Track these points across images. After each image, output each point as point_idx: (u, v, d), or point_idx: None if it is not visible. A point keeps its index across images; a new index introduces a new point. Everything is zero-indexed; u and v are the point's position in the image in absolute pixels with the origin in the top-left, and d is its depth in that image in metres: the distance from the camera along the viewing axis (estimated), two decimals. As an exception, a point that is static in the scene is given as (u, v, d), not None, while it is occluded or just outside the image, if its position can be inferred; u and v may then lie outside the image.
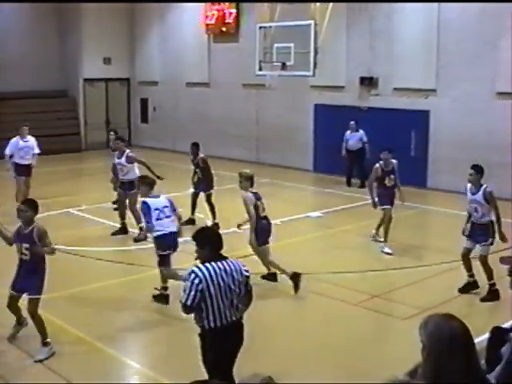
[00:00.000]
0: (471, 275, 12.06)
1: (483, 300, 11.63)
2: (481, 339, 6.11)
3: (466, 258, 12.03)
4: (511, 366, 4.52)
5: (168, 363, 9.24)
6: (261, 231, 12.34)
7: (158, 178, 14.75)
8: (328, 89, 24.20)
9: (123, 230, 15.95)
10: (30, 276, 9.20)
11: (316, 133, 24.98)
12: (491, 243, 11.72)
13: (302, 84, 23.69)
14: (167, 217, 11.49)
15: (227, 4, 27.29)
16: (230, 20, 27.33)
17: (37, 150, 18.68)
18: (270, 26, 20.62)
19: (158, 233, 11.30)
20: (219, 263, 6.85)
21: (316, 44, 19.18)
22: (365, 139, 22.18)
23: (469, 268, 12.08)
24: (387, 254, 14.35)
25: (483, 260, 11.67)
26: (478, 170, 12.08)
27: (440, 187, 21.11)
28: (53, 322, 10.17)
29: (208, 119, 28.41)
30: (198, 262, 6.99)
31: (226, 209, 17.20)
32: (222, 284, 6.77)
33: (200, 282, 6.68)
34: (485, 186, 11.97)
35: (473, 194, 11.92)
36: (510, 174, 19.70)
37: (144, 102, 32.36)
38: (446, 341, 3.72)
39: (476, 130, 20.47)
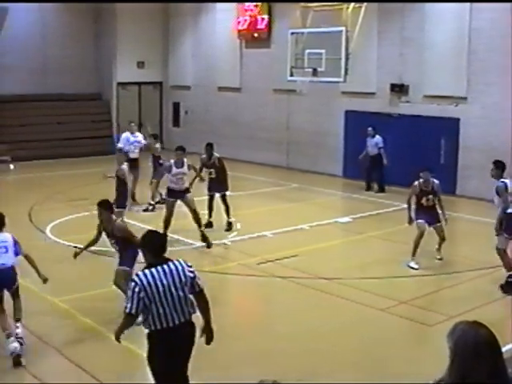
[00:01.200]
0: None
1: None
2: (510, 347, 6.26)
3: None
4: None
5: (190, 364, 9.39)
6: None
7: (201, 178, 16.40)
8: (359, 95, 24.29)
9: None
10: None
11: (346, 139, 25.07)
12: None
13: (332, 90, 23.81)
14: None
15: (259, 10, 27.47)
16: (262, 26, 27.51)
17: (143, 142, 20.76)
18: (302, 32, 20.81)
19: None
20: (159, 267, 6.80)
21: (347, 50, 19.36)
22: (381, 145, 22.27)
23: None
24: (412, 268, 13.91)
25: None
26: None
27: (469, 194, 21.13)
28: (81, 320, 10.40)
29: (239, 124, 28.61)
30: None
31: (253, 213, 17.38)
32: (161, 288, 6.73)
33: (140, 290, 6.66)
34: None
35: None
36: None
37: (176, 106, 32.64)
38: (471, 347, 3.74)
39: (505, 138, 20.46)
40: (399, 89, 23.10)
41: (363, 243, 16.24)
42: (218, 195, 17.05)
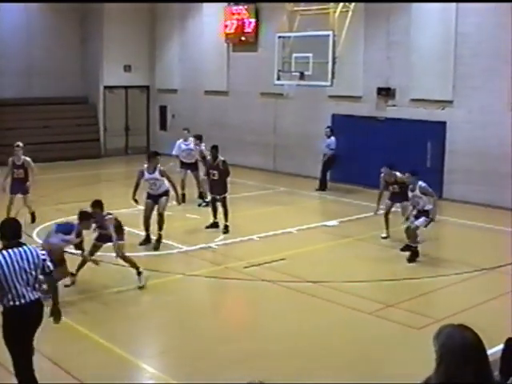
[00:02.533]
0: None
1: None
2: (495, 350, 6.29)
3: None
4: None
5: (182, 368, 9.40)
6: None
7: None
8: (345, 99, 24.36)
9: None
10: None
11: (333, 142, 25.10)
12: None
13: (319, 94, 23.87)
14: None
15: (247, 13, 27.51)
16: (249, 29, 27.54)
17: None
18: (289, 36, 20.84)
19: None
20: (15, 249, 7.51)
21: (334, 54, 19.38)
22: (332, 146, 23.21)
23: None
24: (382, 237, 16.64)
25: None
26: None
27: (455, 198, 21.21)
28: (70, 326, 10.39)
29: (226, 127, 28.60)
30: None
31: (240, 217, 17.40)
32: (17, 267, 7.43)
33: None
34: None
35: None
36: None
37: (163, 110, 32.62)
38: (457, 350, 3.77)
39: (491, 142, 20.59)
40: (386, 92, 23.18)
41: (350, 247, 16.26)
42: (218, 197, 17.19)
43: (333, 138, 23.11)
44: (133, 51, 31.68)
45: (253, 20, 27.38)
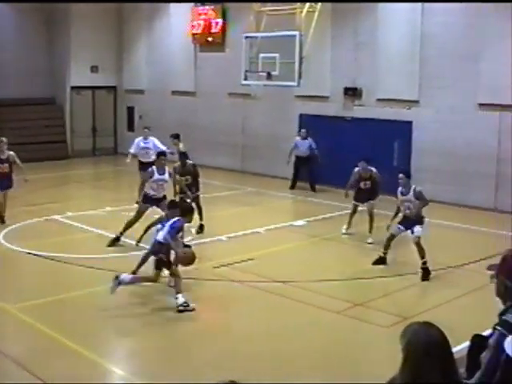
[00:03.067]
0: None
1: None
2: (462, 347, 6.35)
3: None
4: (490, 371, 4.68)
5: (152, 370, 9.37)
6: None
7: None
8: (313, 99, 24.45)
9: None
10: None
11: (301, 142, 25.18)
12: None
13: (287, 94, 23.93)
14: None
15: (214, 14, 27.50)
16: (216, 30, 27.53)
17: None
18: (256, 36, 20.85)
19: None
20: None
21: (301, 54, 19.42)
22: (314, 146, 23.28)
23: None
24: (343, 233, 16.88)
25: None
26: None
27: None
28: (37, 328, 10.33)
29: (194, 128, 28.54)
30: None
31: (209, 217, 17.38)
32: None
33: None
34: None
35: None
36: (489, 185, 20.08)
37: (130, 111, 32.49)
38: (422, 348, 3.79)
39: (458, 141, 20.79)
40: (353, 92, 23.30)
41: (318, 246, 16.33)
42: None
43: (310, 139, 23.25)
44: (100, 52, 31.52)
45: (220, 20, 27.39)
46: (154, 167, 15.81)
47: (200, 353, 9.81)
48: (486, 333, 4.93)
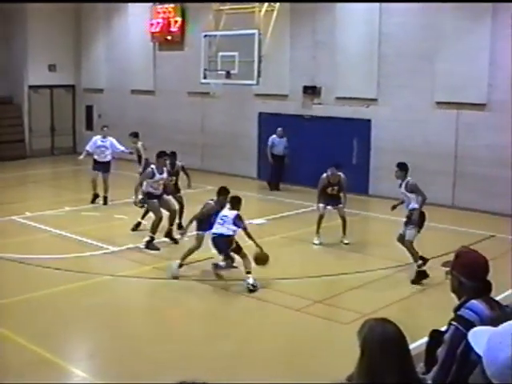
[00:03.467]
0: None
1: None
2: (420, 342, 6.42)
3: None
4: (446, 366, 4.75)
5: (112, 370, 9.34)
6: None
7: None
8: (272, 97, 24.51)
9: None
10: None
11: (260, 141, 25.24)
12: None
13: (246, 92, 23.94)
14: None
15: (173, 12, 27.44)
16: (175, 28, 27.47)
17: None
18: (215, 35, 20.82)
19: None
20: None
21: (260, 53, 19.43)
22: (286, 145, 23.20)
23: None
24: (314, 244, 16.00)
25: None
26: None
27: (381, 194, 21.52)
28: None
29: (153, 127, 28.44)
30: None
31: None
32: None
33: None
34: None
35: None
36: (447, 182, 20.31)
37: (89, 110, 32.27)
38: (377, 343, 3.82)
39: (415, 139, 21.00)
40: (312, 91, 23.39)
41: (277, 244, 16.32)
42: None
43: (285, 138, 23.21)
44: (58, 50, 31.22)
45: (179, 19, 27.32)
46: (153, 167, 15.97)
47: (159, 353, 9.78)
48: (444, 328, 5.00)
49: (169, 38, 27.81)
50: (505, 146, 19.22)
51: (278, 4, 20.14)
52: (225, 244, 12.94)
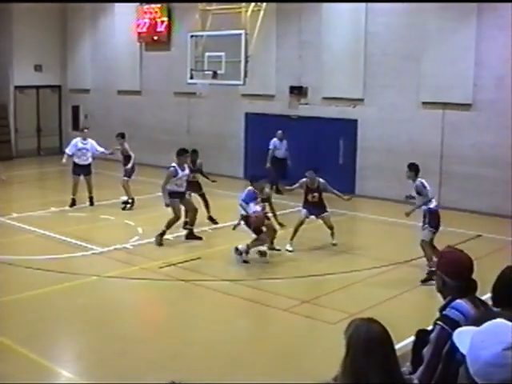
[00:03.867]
0: None
1: None
2: (406, 342, 6.44)
3: None
4: (432, 366, 4.77)
5: (99, 371, 9.32)
6: None
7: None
8: (258, 97, 24.53)
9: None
10: None
11: (247, 141, 25.27)
12: None
13: (232, 92, 23.95)
14: None
15: (159, 12, 27.42)
16: (161, 28, 27.45)
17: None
18: (202, 35, 20.80)
19: None
20: None
21: (246, 53, 19.43)
22: (287, 147, 22.83)
23: None
24: (288, 251, 15.44)
25: None
26: None
27: (367, 194, 21.60)
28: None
29: (140, 127, 28.42)
30: None
31: (154, 217, 17.37)
32: None
33: None
34: None
35: None
36: (433, 181, 20.32)
37: (75, 110, 32.19)
38: (362, 342, 3.83)
39: (401, 139, 21.09)
40: (298, 91, 23.43)
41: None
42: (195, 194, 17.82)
43: (285, 140, 22.75)
44: (44, 51, 31.13)
45: (165, 19, 27.31)
46: (174, 165, 16.15)
47: (146, 353, 9.78)
48: (430, 327, 5.03)
49: (155, 38, 27.79)
50: (490, 145, 19.35)
51: (264, 4, 20.14)
52: (247, 224, 14.65)
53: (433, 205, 13.69)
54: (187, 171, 16.36)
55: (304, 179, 15.76)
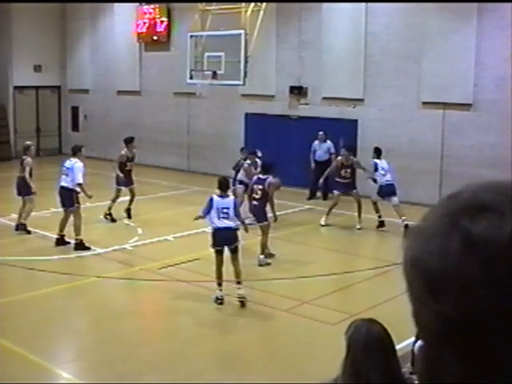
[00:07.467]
0: None
1: None
2: (407, 343, 6.40)
3: None
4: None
5: (98, 372, 9.29)
6: None
7: None
8: (258, 98, 24.48)
9: None
10: None
11: (247, 141, 25.20)
12: None
13: (232, 93, 23.90)
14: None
15: (159, 13, 27.38)
16: (161, 29, 27.42)
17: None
18: (201, 35, 20.79)
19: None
20: None
21: (246, 53, 19.43)
22: (332, 150, 21.56)
23: None
24: (321, 225, 17.28)
25: None
26: None
27: (367, 194, 21.49)
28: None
29: (139, 127, 28.36)
30: None
31: (154, 217, 17.32)
32: None
33: None
34: None
35: None
36: (433, 181, 20.34)
37: (75, 110, 32.15)
38: (362, 342, 3.85)
39: (402, 139, 21.05)
40: (298, 91, 23.38)
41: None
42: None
43: (330, 142, 21.69)
44: (43, 51, 31.09)
45: (165, 19, 27.27)
46: (248, 162, 17.63)
47: (146, 355, 9.75)
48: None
49: (155, 38, 27.75)
50: (491, 145, 19.31)
51: (264, 4, 20.14)
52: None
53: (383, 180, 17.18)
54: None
55: (339, 158, 18.28)
